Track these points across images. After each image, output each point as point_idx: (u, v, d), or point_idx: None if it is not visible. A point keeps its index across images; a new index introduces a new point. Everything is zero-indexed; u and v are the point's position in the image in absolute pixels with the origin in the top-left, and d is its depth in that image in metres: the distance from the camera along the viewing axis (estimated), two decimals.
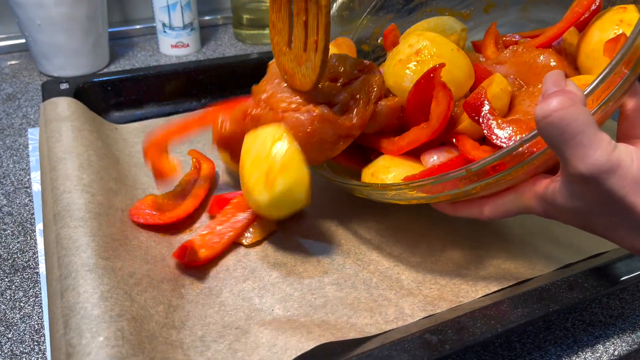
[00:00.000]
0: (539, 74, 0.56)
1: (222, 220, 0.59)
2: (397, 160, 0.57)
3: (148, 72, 0.82)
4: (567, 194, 0.42)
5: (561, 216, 0.45)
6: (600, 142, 0.38)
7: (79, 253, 0.50)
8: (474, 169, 0.45)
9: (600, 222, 0.43)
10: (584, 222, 0.44)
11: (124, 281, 0.50)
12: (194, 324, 0.51)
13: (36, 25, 0.87)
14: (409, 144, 0.56)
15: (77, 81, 0.77)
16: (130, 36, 1.12)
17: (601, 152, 0.38)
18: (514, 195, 0.48)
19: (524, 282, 0.56)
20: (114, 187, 0.62)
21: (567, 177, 0.41)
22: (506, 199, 0.48)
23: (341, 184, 0.57)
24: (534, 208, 0.47)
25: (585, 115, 0.38)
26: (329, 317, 0.52)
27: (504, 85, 0.54)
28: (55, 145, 0.63)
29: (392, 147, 0.57)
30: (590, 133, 0.38)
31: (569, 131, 0.38)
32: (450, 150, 0.55)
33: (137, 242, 0.57)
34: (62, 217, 0.54)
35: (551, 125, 0.38)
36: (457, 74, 0.56)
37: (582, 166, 0.38)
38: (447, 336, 0.45)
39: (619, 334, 0.55)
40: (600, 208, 0.41)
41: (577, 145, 0.38)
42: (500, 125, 0.50)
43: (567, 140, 0.38)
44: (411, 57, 0.58)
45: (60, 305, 0.46)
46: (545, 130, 0.39)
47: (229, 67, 0.86)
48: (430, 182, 0.48)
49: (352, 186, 0.56)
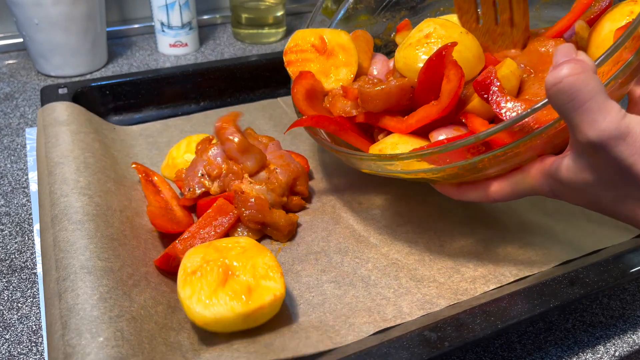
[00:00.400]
0: (549, 63, 0.56)
1: (204, 224, 0.59)
2: (405, 137, 0.56)
3: (146, 75, 0.82)
4: (575, 167, 0.42)
5: (568, 194, 0.45)
6: (610, 109, 0.38)
7: (77, 255, 0.50)
8: (482, 136, 0.44)
9: (609, 197, 0.43)
10: (591, 199, 0.44)
11: (123, 282, 0.50)
12: (193, 326, 0.51)
13: (34, 24, 0.87)
14: (418, 122, 0.55)
15: (76, 85, 0.78)
16: (129, 35, 1.12)
17: (611, 118, 0.38)
18: (520, 175, 0.48)
19: (524, 279, 0.56)
20: (112, 187, 0.62)
21: (576, 147, 0.41)
22: (513, 179, 0.48)
23: (348, 155, 0.56)
24: (541, 187, 0.46)
25: (596, 82, 0.38)
26: (327, 317, 0.52)
27: (514, 68, 0.54)
28: (52, 150, 0.64)
29: (400, 125, 0.57)
30: (600, 100, 0.38)
31: (579, 97, 0.38)
32: (458, 129, 0.55)
33: (135, 242, 0.57)
34: (60, 221, 0.54)
35: (561, 92, 0.38)
36: (466, 54, 0.56)
37: (592, 132, 0.38)
38: (446, 333, 0.45)
39: (620, 334, 0.55)
40: (609, 179, 0.41)
41: (587, 112, 0.38)
42: (509, 101, 0.50)
43: (577, 107, 0.38)
44: (421, 40, 0.58)
45: (59, 306, 0.46)
46: (556, 97, 0.39)
47: (227, 70, 0.86)
48: (438, 151, 0.47)
49: (359, 157, 0.55)
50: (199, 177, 0.63)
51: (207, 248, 0.51)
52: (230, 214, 0.60)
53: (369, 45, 0.71)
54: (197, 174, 0.63)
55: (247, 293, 0.47)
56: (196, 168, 0.63)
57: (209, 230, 0.58)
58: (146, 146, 0.75)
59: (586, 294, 0.50)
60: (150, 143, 0.76)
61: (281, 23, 1.12)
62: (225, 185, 0.62)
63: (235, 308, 0.46)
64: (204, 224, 0.59)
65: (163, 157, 0.73)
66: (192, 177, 0.63)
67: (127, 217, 0.59)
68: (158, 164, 0.72)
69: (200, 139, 0.69)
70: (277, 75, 0.89)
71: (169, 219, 0.61)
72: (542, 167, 0.46)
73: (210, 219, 0.59)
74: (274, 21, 1.11)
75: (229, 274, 0.49)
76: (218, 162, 0.63)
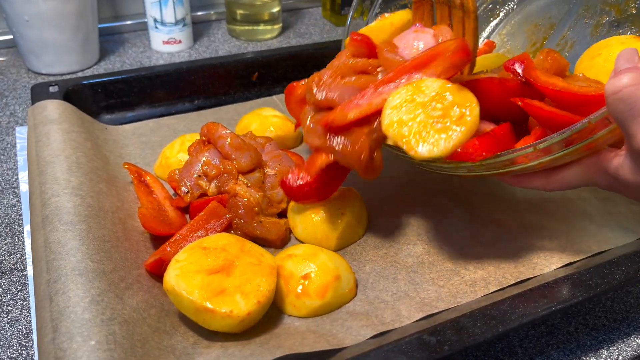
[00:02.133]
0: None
1: (196, 227, 0.59)
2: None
3: (139, 73, 0.82)
4: (631, 169, 0.44)
5: (625, 190, 0.47)
6: None
7: (68, 257, 0.50)
8: (541, 147, 0.46)
9: None
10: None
11: (115, 285, 0.50)
12: (186, 330, 0.51)
13: (24, 20, 0.87)
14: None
15: (67, 83, 0.77)
16: (121, 32, 1.12)
17: None
18: (578, 168, 0.49)
19: (525, 281, 0.56)
20: (104, 188, 0.62)
21: (632, 153, 0.43)
22: (571, 171, 0.49)
23: (405, 157, 0.55)
24: (598, 181, 0.48)
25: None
26: (324, 320, 0.53)
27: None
28: (43, 149, 0.64)
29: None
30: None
31: (637, 107, 0.39)
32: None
33: (128, 244, 0.57)
34: (51, 221, 0.54)
35: (620, 101, 0.40)
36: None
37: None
38: (446, 337, 0.45)
39: (624, 338, 0.55)
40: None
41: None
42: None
43: (635, 117, 0.40)
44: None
45: (50, 309, 0.46)
46: (614, 105, 0.40)
47: (222, 67, 0.86)
48: (499, 159, 0.48)
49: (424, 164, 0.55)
50: (195, 178, 0.63)
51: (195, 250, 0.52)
52: (223, 217, 0.60)
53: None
54: (193, 175, 0.63)
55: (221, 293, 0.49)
56: (192, 169, 0.63)
57: (201, 233, 0.58)
58: (139, 146, 0.75)
59: (589, 297, 0.50)
60: (143, 142, 0.76)
61: (277, 19, 1.12)
62: (221, 185, 0.62)
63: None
64: (196, 227, 0.59)
65: (156, 157, 0.73)
66: (188, 178, 0.63)
67: (119, 219, 0.59)
68: (151, 164, 0.72)
69: (195, 138, 0.69)
70: (273, 73, 0.89)
71: (161, 220, 0.60)
72: (599, 165, 0.47)
73: (202, 222, 0.59)
74: (269, 17, 1.11)
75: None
76: (216, 163, 0.63)
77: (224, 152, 0.63)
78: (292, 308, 0.53)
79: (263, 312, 0.51)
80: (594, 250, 0.60)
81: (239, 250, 0.52)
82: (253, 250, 0.53)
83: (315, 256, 0.55)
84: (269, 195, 0.62)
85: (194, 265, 0.50)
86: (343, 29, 1.16)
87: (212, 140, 0.64)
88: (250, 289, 0.49)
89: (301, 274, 0.53)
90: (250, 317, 0.48)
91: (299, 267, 0.54)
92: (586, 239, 0.62)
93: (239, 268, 0.50)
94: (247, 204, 0.59)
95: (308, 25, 1.20)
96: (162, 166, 0.70)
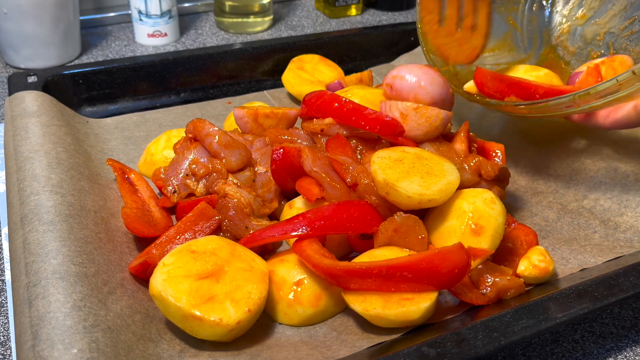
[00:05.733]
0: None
1: (184, 229, 0.58)
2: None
3: (122, 63, 0.81)
4: None
5: None
6: None
7: (48, 259, 0.49)
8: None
9: None
10: None
11: (98, 289, 0.49)
12: (172, 337, 0.50)
13: (2, 13, 0.86)
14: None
15: (46, 74, 0.77)
16: (104, 25, 1.11)
17: None
18: (632, 107, 0.58)
19: (527, 292, 0.56)
20: (86, 186, 0.61)
21: None
22: (625, 110, 0.59)
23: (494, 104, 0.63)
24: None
25: None
26: (317, 332, 0.52)
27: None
28: (21, 144, 0.63)
29: None
30: None
31: None
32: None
33: (111, 246, 0.56)
34: (30, 221, 0.53)
35: None
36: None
37: None
38: (446, 349, 0.45)
39: (632, 346, 0.55)
40: None
41: None
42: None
43: None
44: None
45: (29, 314, 0.45)
46: None
47: (210, 58, 0.86)
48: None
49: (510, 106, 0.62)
50: (182, 177, 0.62)
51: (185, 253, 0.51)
52: (212, 219, 0.59)
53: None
54: (179, 174, 0.62)
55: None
56: (179, 167, 0.62)
57: (189, 236, 0.57)
58: (122, 141, 0.75)
59: (595, 308, 0.49)
60: (127, 137, 0.75)
61: (268, 11, 1.12)
62: (210, 185, 0.61)
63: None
64: (184, 229, 0.58)
65: (140, 153, 0.72)
66: (174, 177, 0.62)
67: (102, 218, 0.59)
68: (135, 160, 0.71)
69: (181, 134, 0.68)
70: (263, 65, 0.88)
71: (145, 221, 0.60)
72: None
73: (191, 224, 0.58)
74: (260, 9, 1.10)
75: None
76: (204, 162, 0.62)
77: (212, 150, 0.62)
78: (283, 316, 0.53)
79: (254, 320, 0.50)
80: (600, 260, 0.59)
81: (230, 254, 0.52)
82: (244, 254, 0.52)
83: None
84: (261, 194, 0.61)
85: (182, 269, 0.49)
86: (337, 21, 1.16)
87: (199, 138, 0.63)
88: (240, 296, 0.49)
89: (293, 280, 0.53)
90: (240, 325, 0.48)
91: (291, 273, 0.53)
92: (591, 248, 0.61)
93: (229, 273, 0.50)
94: (237, 205, 0.59)
95: (300, 17, 1.19)
96: (147, 163, 0.69)
